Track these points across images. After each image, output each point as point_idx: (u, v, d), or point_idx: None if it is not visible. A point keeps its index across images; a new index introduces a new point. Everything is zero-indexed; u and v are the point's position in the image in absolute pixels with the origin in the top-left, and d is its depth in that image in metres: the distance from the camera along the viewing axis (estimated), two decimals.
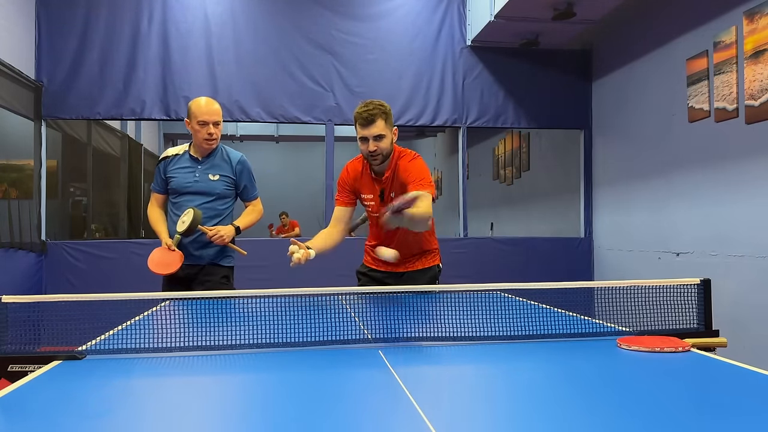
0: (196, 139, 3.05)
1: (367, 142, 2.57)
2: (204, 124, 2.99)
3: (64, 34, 5.01)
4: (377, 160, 2.61)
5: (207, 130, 3.00)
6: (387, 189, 2.69)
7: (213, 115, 3.02)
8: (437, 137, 11.11)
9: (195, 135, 3.04)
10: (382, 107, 2.58)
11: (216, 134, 3.03)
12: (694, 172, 4.27)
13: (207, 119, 3.00)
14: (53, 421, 1.13)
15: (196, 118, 3.00)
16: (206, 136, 3.02)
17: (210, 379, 1.46)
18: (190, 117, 3.04)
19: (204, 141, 3.03)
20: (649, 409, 1.15)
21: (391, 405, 1.21)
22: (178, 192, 3.05)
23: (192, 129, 3.04)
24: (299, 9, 5.35)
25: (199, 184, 3.06)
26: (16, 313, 1.67)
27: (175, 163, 3.09)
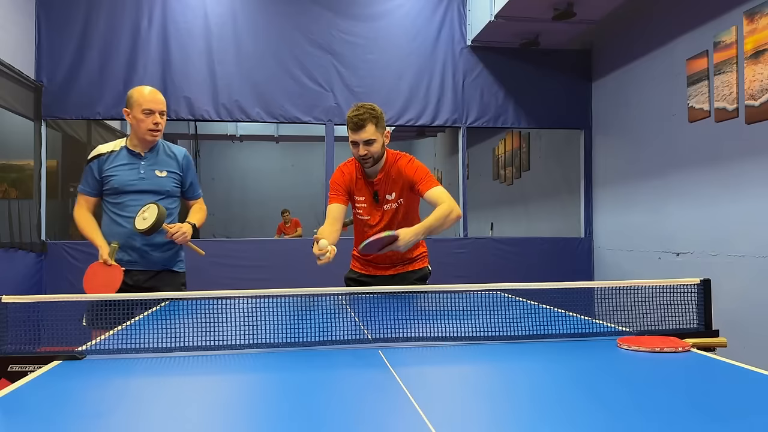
0: (139, 131, 2.76)
1: (357, 146, 2.63)
2: (150, 113, 2.74)
3: (64, 34, 5.01)
4: (368, 163, 2.67)
5: (153, 120, 2.75)
6: (380, 191, 2.73)
7: (159, 104, 2.78)
8: (437, 137, 11.10)
9: (138, 126, 2.75)
10: (372, 111, 2.62)
11: (162, 125, 2.79)
12: (694, 172, 4.27)
13: (153, 107, 2.75)
14: (53, 421, 1.13)
15: (140, 106, 2.74)
16: (151, 126, 2.75)
17: (210, 379, 1.46)
18: (131, 106, 2.77)
19: (148, 132, 2.76)
20: (649, 409, 1.15)
21: (391, 405, 1.21)
22: (121, 191, 2.76)
23: (134, 119, 2.76)
24: (299, 9, 5.35)
25: (146, 182, 2.79)
26: (16, 313, 1.67)
27: (112, 161, 2.78)
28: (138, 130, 2.77)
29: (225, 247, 5.29)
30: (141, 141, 2.80)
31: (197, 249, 2.92)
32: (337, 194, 2.78)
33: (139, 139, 2.80)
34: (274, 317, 1.83)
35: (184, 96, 5.13)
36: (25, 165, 4.75)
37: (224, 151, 13.94)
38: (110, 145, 2.84)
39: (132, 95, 2.79)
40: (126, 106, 2.80)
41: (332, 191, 2.80)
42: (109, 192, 2.78)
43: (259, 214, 13.59)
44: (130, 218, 2.72)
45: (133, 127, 2.79)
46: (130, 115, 2.77)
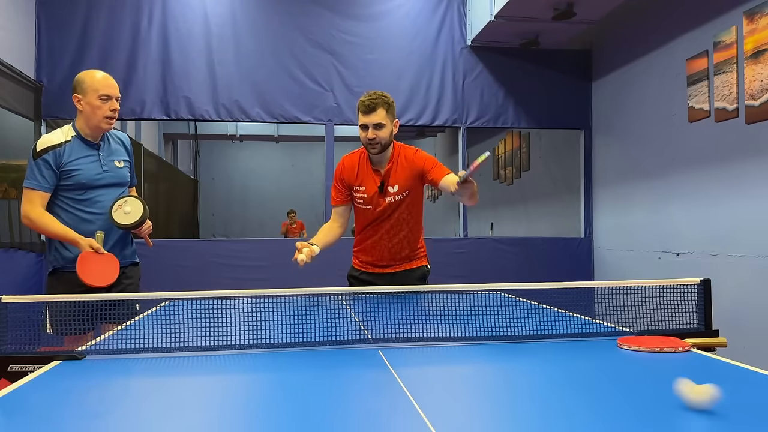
0: (94, 118, 2.56)
1: (366, 130, 2.65)
2: (107, 99, 2.55)
3: (64, 34, 5.01)
4: (375, 148, 2.68)
5: (110, 106, 2.56)
6: (387, 181, 2.74)
7: (115, 89, 2.60)
8: (437, 137, 11.10)
9: (93, 113, 2.55)
10: (385, 97, 2.69)
11: (117, 111, 2.61)
12: (694, 172, 4.27)
13: (110, 93, 2.56)
14: (53, 421, 1.13)
15: (96, 92, 2.54)
16: (109, 113, 2.56)
17: (210, 379, 1.46)
18: (83, 91, 2.55)
19: (105, 120, 2.57)
20: (650, 409, 1.15)
21: (391, 405, 1.21)
22: (88, 186, 2.56)
23: (88, 106, 2.55)
24: (299, 9, 5.34)
25: (110, 174, 2.62)
26: (16, 313, 1.67)
27: (71, 153, 2.55)
28: (92, 118, 2.56)
29: (225, 247, 5.30)
30: (94, 129, 2.59)
31: (149, 241, 2.78)
32: (336, 195, 2.82)
33: (93, 127, 2.59)
34: (274, 317, 1.83)
35: (184, 96, 5.13)
36: (25, 165, 4.74)
37: (224, 151, 13.95)
38: (58, 134, 2.59)
39: (84, 80, 2.58)
40: (75, 91, 2.58)
41: (333, 190, 2.84)
42: (71, 187, 2.55)
43: (259, 214, 13.60)
44: (101, 215, 2.58)
45: (86, 114, 2.57)
46: (82, 101, 2.56)
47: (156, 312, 2.37)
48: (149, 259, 4.98)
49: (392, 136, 2.72)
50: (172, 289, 2.11)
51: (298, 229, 11.50)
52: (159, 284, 3.06)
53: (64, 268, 2.58)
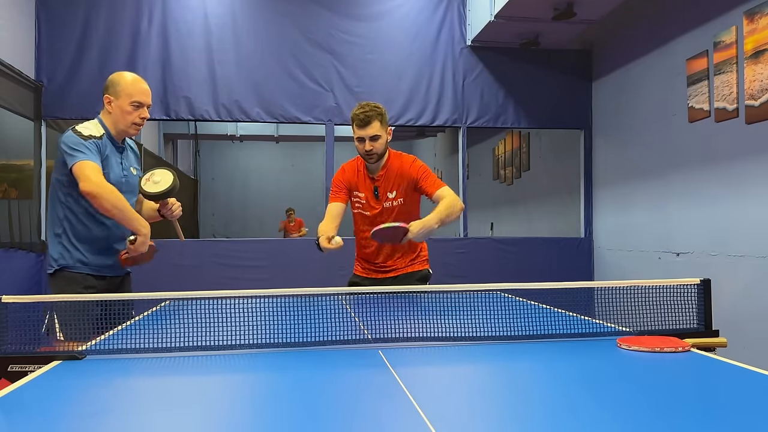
0: (122, 123, 2.47)
1: (363, 142, 2.74)
2: (139, 106, 2.48)
3: (64, 34, 5.01)
4: (372, 158, 2.78)
5: (141, 114, 2.49)
6: (381, 187, 2.82)
7: (149, 96, 2.53)
8: (437, 137, 11.10)
9: (122, 117, 2.46)
10: (377, 109, 2.75)
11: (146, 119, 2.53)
12: (694, 172, 4.27)
13: (143, 100, 2.49)
14: (53, 421, 1.13)
15: (129, 97, 2.45)
16: (138, 120, 2.49)
17: (210, 379, 1.46)
18: (116, 94, 2.46)
19: (133, 126, 2.49)
20: (649, 409, 1.15)
21: (391, 405, 1.21)
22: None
23: (119, 109, 2.46)
24: (299, 9, 5.34)
25: (128, 181, 2.53)
26: (16, 313, 1.67)
27: (106, 149, 2.44)
28: (120, 122, 2.48)
29: (225, 247, 5.30)
30: (120, 133, 2.51)
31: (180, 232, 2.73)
32: (336, 193, 2.87)
33: (119, 131, 2.50)
34: (274, 317, 1.83)
35: (184, 96, 5.12)
36: (25, 165, 4.75)
37: (224, 151, 13.94)
38: (92, 127, 2.46)
39: (118, 82, 2.48)
40: (107, 92, 2.48)
41: (333, 190, 2.90)
42: None
43: (259, 214, 13.59)
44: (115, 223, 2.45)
45: (114, 117, 2.48)
46: (113, 104, 2.47)
47: (156, 312, 2.37)
48: None
49: (387, 144, 2.81)
50: (171, 289, 2.11)
51: (297, 227, 11.50)
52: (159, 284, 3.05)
53: (72, 268, 2.43)
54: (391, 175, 2.81)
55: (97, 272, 2.47)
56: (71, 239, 2.44)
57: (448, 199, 2.68)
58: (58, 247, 2.45)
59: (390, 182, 2.81)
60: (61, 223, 2.44)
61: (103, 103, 2.50)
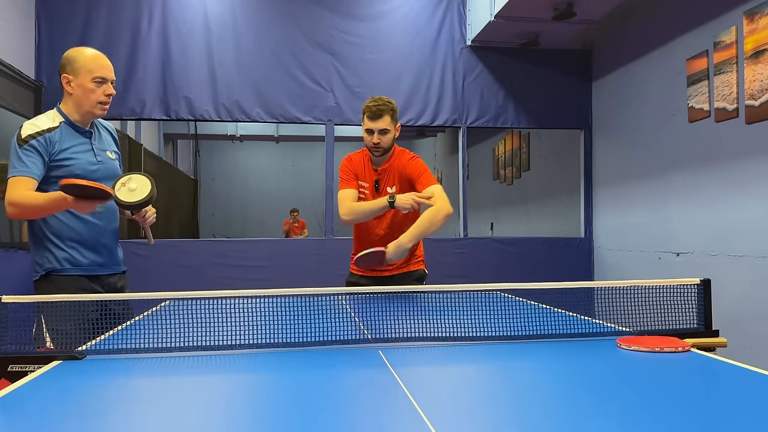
0: (86, 103, 2.27)
1: (372, 135, 2.79)
2: (101, 82, 2.27)
3: (64, 34, 5.01)
4: (379, 151, 2.82)
5: (105, 90, 2.28)
6: (382, 180, 2.87)
7: (111, 71, 2.31)
8: (437, 137, 11.10)
9: (86, 97, 2.25)
10: (390, 104, 2.80)
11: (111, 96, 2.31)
12: (694, 172, 4.27)
13: (106, 75, 2.28)
14: (53, 421, 1.13)
15: (90, 73, 2.24)
16: (103, 98, 2.28)
17: (210, 379, 1.46)
18: (74, 72, 2.25)
19: (99, 105, 2.28)
20: (650, 409, 1.15)
21: (391, 405, 1.21)
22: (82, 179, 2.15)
23: (79, 88, 2.26)
24: (299, 9, 5.34)
25: (105, 167, 2.32)
26: (16, 313, 1.67)
27: (62, 140, 2.24)
28: (84, 102, 2.27)
29: (225, 247, 5.29)
30: (84, 115, 2.31)
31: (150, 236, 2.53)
32: (347, 181, 2.90)
33: (83, 113, 2.30)
34: (274, 317, 1.83)
35: (184, 96, 5.12)
36: None
37: (224, 151, 13.94)
38: (44, 120, 2.28)
39: (75, 58, 2.27)
40: (64, 71, 2.28)
41: (342, 178, 2.93)
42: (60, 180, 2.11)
43: (259, 214, 13.60)
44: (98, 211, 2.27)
45: (76, 98, 2.28)
46: (72, 83, 2.27)
47: (156, 312, 2.37)
48: (149, 260, 5.01)
49: (394, 139, 2.85)
50: (172, 289, 2.11)
51: (300, 228, 11.51)
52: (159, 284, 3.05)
53: (59, 271, 2.26)
54: (393, 170, 2.86)
55: (89, 272, 2.31)
56: (54, 240, 2.26)
57: (428, 212, 2.69)
58: (42, 250, 2.27)
59: (391, 177, 2.86)
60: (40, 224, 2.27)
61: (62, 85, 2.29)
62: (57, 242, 2.26)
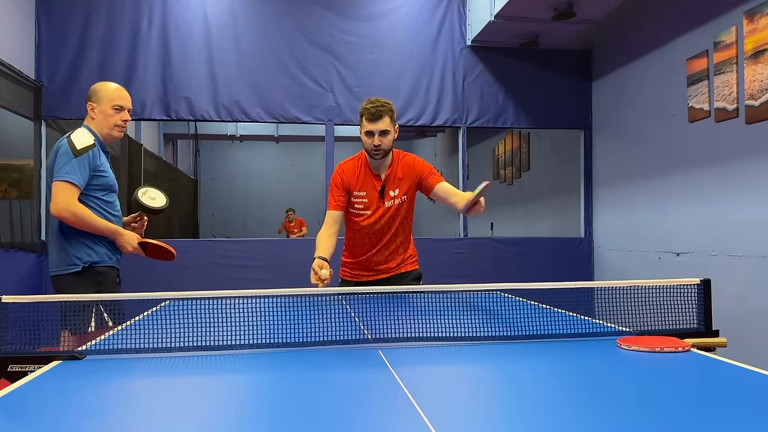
0: (106, 126, 2.69)
1: (372, 137, 2.71)
2: (120, 110, 2.70)
3: (64, 34, 5.01)
4: (379, 154, 2.74)
5: (122, 116, 2.71)
6: (387, 186, 2.80)
7: (128, 101, 2.76)
8: (437, 137, 11.10)
9: (105, 121, 2.68)
10: (388, 105, 2.74)
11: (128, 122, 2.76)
12: (694, 172, 4.27)
13: (124, 104, 2.72)
14: (53, 421, 1.13)
15: (110, 101, 2.68)
16: (120, 122, 2.71)
17: (210, 379, 1.46)
18: (98, 100, 2.68)
19: (116, 128, 2.71)
20: (649, 409, 1.15)
21: (391, 405, 1.21)
22: (111, 189, 2.70)
23: (101, 114, 2.68)
24: (299, 9, 5.35)
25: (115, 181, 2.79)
26: (16, 313, 1.67)
27: (99, 155, 2.66)
28: (104, 125, 2.69)
29: (225, 247, 5.29)
30: (105, 137, 2.72)
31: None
32: (335, 198, 2.81)
33: (104, 135, 2.71)
34: (274, 317, 1.83)
35: (184, 96, 5.13)
36: (25, 165, 4.75)
37: (224, 151, 13.94)
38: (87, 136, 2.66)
39: (99, 90, 2.71)
40: (90, 99, 2.70)
41: (331, 195, 2.84)
42: (99, 188, 2.64)
43: (259, 214, 13.60)
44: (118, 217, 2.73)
45: (98, 122, 2.69)
46: (96, 110, 2.69)
47: (156, 312, 2.37)
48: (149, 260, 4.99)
49: (393, 141, 2.79)
50: (172, 289, 2.11)
51: (297, 226, 11.50)
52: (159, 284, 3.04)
53: (99, 263, 2.64)
54: (397, 173, 2.79)
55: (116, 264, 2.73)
56: (91, 237, 2.62)
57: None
58: (78, 245, 2.60)
59: (395, 180, 2.79)
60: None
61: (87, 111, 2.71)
62: (94, 239, 2.64)
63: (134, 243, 2.67)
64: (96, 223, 2.60)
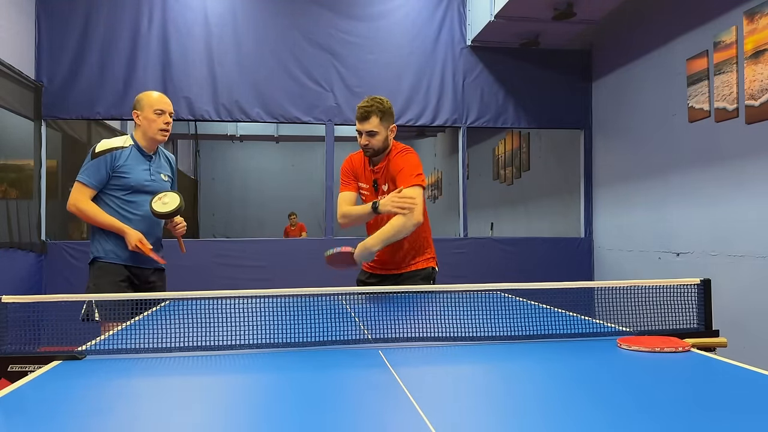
0: (150, 130, 2.88)
1: (361, 136, 2.77)
2: (161, 113, 2.87)
3: (64, 35, 5.01)
4: (368, 152, 2.82)
5: (164, 119, 2.88)
6: (379, 180, 2.86)
7: (169, 106, 2.93)
8: (437, 137, 11.10)
9: (149, 125, 2.87)
10: (380, 105, 2.73)
11: (170, 126, 2.93)
12: (694, 172, 4.27)
13: (165, 108, 2.89)
14: (53, 421, 1.13)
15: (152, 107, 2.86)
16: (163, 126, 2.88)
17: (210, 379, 1.46)
18: (141, 108, 2.89)
19: (159, 132, 2.89)
20: (649, 409, 1.15)
21: (391, 405, 1.21)
22: (135, 190, 2.85)
23: (145, 119, 2.88)
24: (299, 9, 5.35)
25: (156, 184, 2.92)
26: (16, 313, 1.67)
27: (126, 158, 2.84)
28: (149, 130, 2.88)
29: (225, 247, 5.30)
30: (150, 141, 2.90)
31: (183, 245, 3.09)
32: (346, 183, 2.92)
33: (149, 140, 2.90)
34: (274, 317, 1.83)
35: (184, 96, 5.13)
36: (25, 165, 4.75)
37: (224, 151, 13.94)
38: (119, 140, 2.89)
39: (142, 98, 2.91)
40: (135, 108, 2.91)
41: (342, 180, 2.94)
42: (119, 188, 2.83)
43: (259, 214, 13.59)
44: (142, 217, 2.85)
45: (143, 128, 2.89)
46: (140, 116, 2.88)
47: (156, 312, 2.37)
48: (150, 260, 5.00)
49: (387, 141, 2.79)
50: (172, 289, 2.11)
51: (298, 231, 11.50)
52: None
53: (103, 259, 2.83)
54: (388, 168, 2.81)
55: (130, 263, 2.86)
56: (104, 234, 2.84)
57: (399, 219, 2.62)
58: (94, 240, 2.87)
59: (385, 175, 2.83)
60: None
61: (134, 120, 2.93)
62: (106, 237, 2.84)
63: (133, 243, 2.78)
64: (100, 219, 2.80)
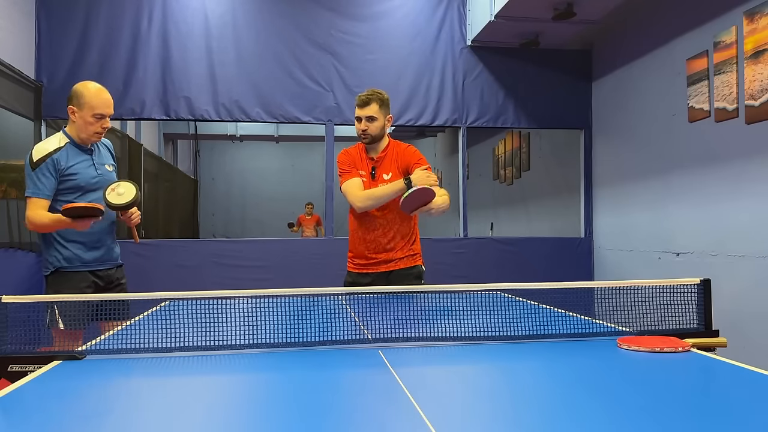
0: (85, 132, 2.65)
1: (360, 121, 2.91)
2: (101, 118, 2.64)
3: (64, 34, 5.01)
4: (367, 138, 2.92)
5: (102, 124, 2.65)
6: (378, 168, 2.94)
7: (110, 107, 2.68)
8: (437, 137, 11.10)
9: (85, 127, 2.63)
10: (379, 94, 2.96)
11: (108, 128, 2.70)
12: (694, 172, 4.27)
13: (105, 112, 2.65)
14: (53, 421, 1.13)
15: (92, 109, 2.61)
16: (99, 130, 2.66)
17: (210, 379, 1.46)
18: (80, 105, 2.61)
19: (95, 135, 2.67)
20: (650, 409, 1.15)
21: (391, 405, 1.21)
22: (84, 189, 2.65)
23: (80, 119, 2.63)
24: (299, 9, 5.34)
25: (103, 179, 2.72)
26: (16, 313, 1.67)
27: (66, 158, 2.62)
28: (83, 131, 2.66)
29: (225, 247, 5.29)
30: (84, 140, 2.69)
31: (136, 235, 2.85)
32: (349, 171, 2.96)
33: (83, 139, 2.69)
34: (274, 317, 1.83)
35: (184, 96, 5.12)
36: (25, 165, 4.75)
37: (224, 151, 13.95)
38: (53, 141, 2.66)
39: (82, 94, 2.63)
40: (71, 102, 2.64)
41: (344, 170, 2.97)
42: (68, 191, 2.62)
43: (258, 214, 13.60)
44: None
45: (78, 126, 2.66)
46: (77, 114, 2.63)
47: (156, 312, 2.37)
48: (149, 260, 5.01)
49: (384, 129, 2.95)
50: (172, 289, 2.11)
51: (313, 221, 11.48)
52: (159, 284, 3.06)
53: (66, 268, 2.66)
54: (390, 158, 2.94)
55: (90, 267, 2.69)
56: (60, 241, 2.66)
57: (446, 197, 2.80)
58: (51, 250, 2.67)
59: (387, 164, 2.93)
60: None
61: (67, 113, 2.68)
62: (63, 243, 2.66)
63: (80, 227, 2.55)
64: (52, 222, 2.57)
